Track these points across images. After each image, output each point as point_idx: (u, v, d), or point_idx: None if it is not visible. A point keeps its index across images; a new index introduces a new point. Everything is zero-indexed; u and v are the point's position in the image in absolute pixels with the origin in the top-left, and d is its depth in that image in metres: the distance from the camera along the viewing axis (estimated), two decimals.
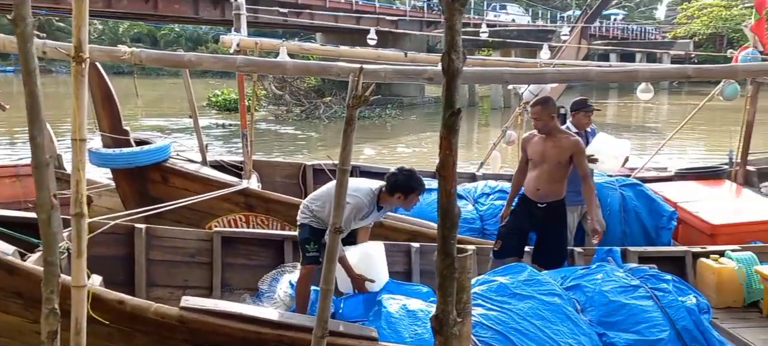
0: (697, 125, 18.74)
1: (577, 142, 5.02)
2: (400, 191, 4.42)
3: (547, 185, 5.05)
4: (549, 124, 5.01)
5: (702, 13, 47.90)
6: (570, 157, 4.98)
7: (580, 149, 5.01)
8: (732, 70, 4.78)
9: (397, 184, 4.43)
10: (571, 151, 4.97)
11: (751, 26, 7.75)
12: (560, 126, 5.29)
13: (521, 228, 5.16)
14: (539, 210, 5.09)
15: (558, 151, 4.97)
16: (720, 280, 5.24)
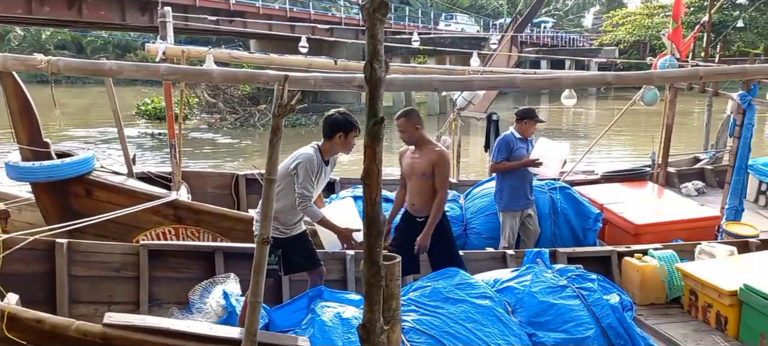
0: (623, 129, 19.54)
1: (440, 154, 4.84)
2: (341, 130, 4.38)
3: (418, 197, 4.90)
4: (414, 136, 4.86)
5: (626, 21, 50.13)
6: (433, 168, 4.80)
7: (441, 161, 4.83)
8: (648, 77, 5.01)
9: (336, 122, 4.38)
10: (433, 162, 4.79)
11: (669, 34, 8.16)
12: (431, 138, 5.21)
13: (410, 243, 4.91)
14: (418, 224, 4.91)
15: (422, 163, 4.82)
16: (643, 278, 5.43)
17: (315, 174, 4.36)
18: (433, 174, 4.81)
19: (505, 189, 6.09)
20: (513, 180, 6.06)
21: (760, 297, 4.52)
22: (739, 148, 6.50)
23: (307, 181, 4.29)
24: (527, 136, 6.17)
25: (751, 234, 6.17)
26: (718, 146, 10.13)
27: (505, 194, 6.09)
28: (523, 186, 6.09)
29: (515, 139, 6.07)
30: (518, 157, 6.01)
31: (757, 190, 8.01)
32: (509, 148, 6.02)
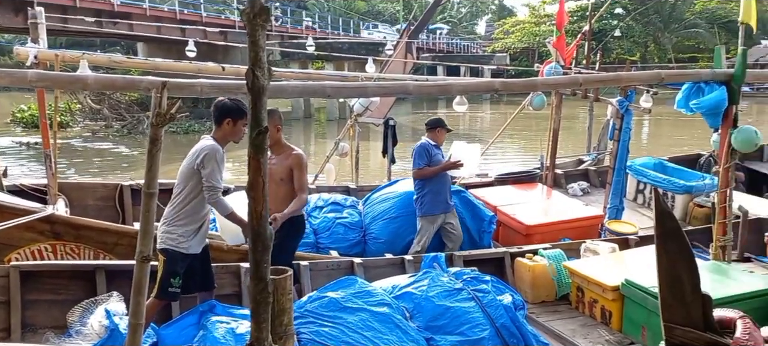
0: (515, 132, 20.38)
1: (298, 156, 4.73)
2: (228, 116, 4.21)
3: (275, 204, 4.57)
4: (274, 138, 4.67)
5: (515, 29, 52.46)
6: (291, 172, 4.68)
7: (300, 163, 4.71)
8: (533, 84, 5.22)
9: (225, 107, 4.21)
10: (291, 166, 4.68)
11: (553, 42, 8.55)
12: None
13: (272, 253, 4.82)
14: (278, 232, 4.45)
15: (280, 168, 4.67)
16: (534, 277, 5.63)
17: (222, 163, 4.18)
18: (292, 178, 4.68)
19: (426, 195, 6.18)
20: (434, 185, 6.17)
21: (640, 291, 4.79)
22: (619, 151, 6.91)
23: (216, 171, 4.11)
24: (440, 143, 6.35)
25: (630, 231, 6.56)
26: (599, 148, 10.75)
27: (427, 200, 6.18)
28: (443, 191, 6.24)
29: (431, 146, 6.22)
30: (437, 163, 6.17)
31: (636, 189, 8.56)
32: (428, 154, 6.15)
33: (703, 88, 5.10)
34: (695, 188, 7.73)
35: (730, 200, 5.21)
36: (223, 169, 4.29)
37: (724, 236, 5.22)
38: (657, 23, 48.08)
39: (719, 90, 4.99)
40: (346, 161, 9.24)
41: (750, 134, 5.01)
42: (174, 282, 4.20)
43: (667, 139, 21.11)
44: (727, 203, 5.20)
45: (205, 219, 4.35)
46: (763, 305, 4.70)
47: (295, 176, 4.68)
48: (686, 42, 49.21)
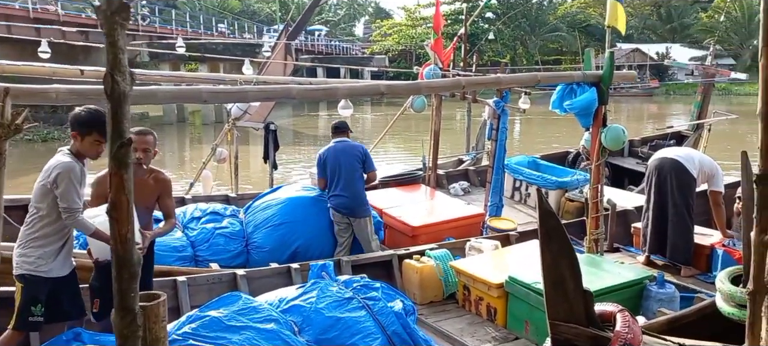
0: (397, 134, 20.65)
1: (166, 179, 4.38)
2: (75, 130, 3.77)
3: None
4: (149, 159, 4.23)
5: (393, 31, 53.47)
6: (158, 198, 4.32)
7: (169, 187, 4.40)
8: (417, 87, 5.22)
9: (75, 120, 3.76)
10: (159, 192, 4.31)
11: (431, 45, 8.68)
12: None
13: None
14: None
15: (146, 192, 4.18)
16: (422, 278, 5.63)
17: (79, 182, 3.75)
18: (159, 203, 4.33)
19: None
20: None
21: (523, 287, 4.91)
22: (497, 150, 7.11)
23: (71, 191, 3.67)
24: None
25: (510, 227, 6.77)
26: (478, 148, 11.10)
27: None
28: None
29: None
30: None
31: (513, 186, 8.89)
32: None
33: (575, 90, 5.33)
34: (566, 184, 8.15)
35: (601, 195, 5.49)
36: (84, 185, 3.87)
37: (596, 230, 5.50)
38: (525, 27, 51.03)
39: (590, 91, 5.24)
40: (225, 168, 8.84)
41: (618, 133, 5.31)
42: (35, 310, 3.74)
43: (538, 138, 22.33)
44: (599, 198, 5.47)
45: (68, 238, 3.91)
46: (634, 295, 4.99)
47: (163, 204, 4.36)
48: (551, 45, 52.69)
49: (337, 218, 6.26)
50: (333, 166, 6.25)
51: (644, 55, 49.07)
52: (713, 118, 10.35)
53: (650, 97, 43.35)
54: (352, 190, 6.20)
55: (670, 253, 5.93)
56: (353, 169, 6.24)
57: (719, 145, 12.74)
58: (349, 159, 6.25)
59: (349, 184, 6.20)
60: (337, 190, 6.23)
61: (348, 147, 6.36)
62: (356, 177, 6.26)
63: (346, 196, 6.19)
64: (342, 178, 6.21)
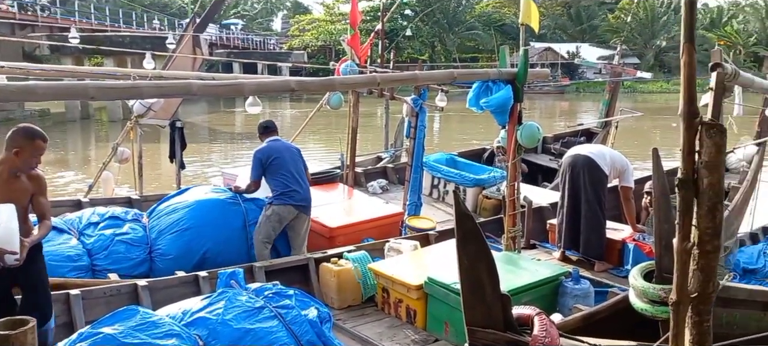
0: (315, 131, 20.34)
1: (40, 177, 4.03)
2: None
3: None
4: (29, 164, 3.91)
5: (311, 26, 52.92)
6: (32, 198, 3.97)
7: (44, 186, 4.05)
8: (330, 83, 5.02)
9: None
10: (33, 190, 3.96)
11: (348, 40, 8.49)
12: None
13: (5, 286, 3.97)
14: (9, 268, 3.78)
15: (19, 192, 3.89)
16: (340, 281, 5.45)
17: None
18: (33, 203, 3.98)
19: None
20: None
21: (442, 288, 4.82)
22: (415, 149, 7.02)
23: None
24: None
25: (429, 227, 6.69)
26: (396, 145, 11.01)
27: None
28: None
29: None
30: None
31: (431, 184, 8.85)
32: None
33: (491, 87, 5.29)
34: (484, 181, 8.17)
35: (518, 193, 5.48)
36: None
37: (514, 227, 5.49)
38: (443, 25, 51.81)
39: (505, 89, 5.21)
40: (129, 168, 8.29)
41: (533, 130, 5.31)
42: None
43: (456, 134, 22.62)
44: (516, 196, 5.46)
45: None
46: (550, 292, 5.01)
47: (37, 203, 3.96)
48: (467, 43, 53.78)
49: (283, 215, 5.95)
50: (281, 163, 5.98)
51: (556, 53, 50.92)
52: (620, 116, 10.74)
53: (562, 95, 45.04)
54: (307, 184, 6.10)
55: (584, 248, 6.02)
56: (300, 166, 6.11)
57: (626, 142, 13.27)
58: (294, 156, 6.10)
59: (302, 178, 6.06)
60: (293, 185, 5.97)
61: (288, 145, 6.26)
62: (306, 172, 6.17)
63: (304, 189, 6.05)
64: (295, 173, 6.01)
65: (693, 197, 1.55)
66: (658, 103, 38.24)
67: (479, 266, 2.91)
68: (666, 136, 24.32)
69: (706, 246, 1.55)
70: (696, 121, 1.54)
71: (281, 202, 5.94)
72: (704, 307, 1.59)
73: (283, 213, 5.94)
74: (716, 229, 1.53)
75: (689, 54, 1.55)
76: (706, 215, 1.53)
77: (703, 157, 1.52)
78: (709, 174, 1.51)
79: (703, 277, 1.57)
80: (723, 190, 1.56)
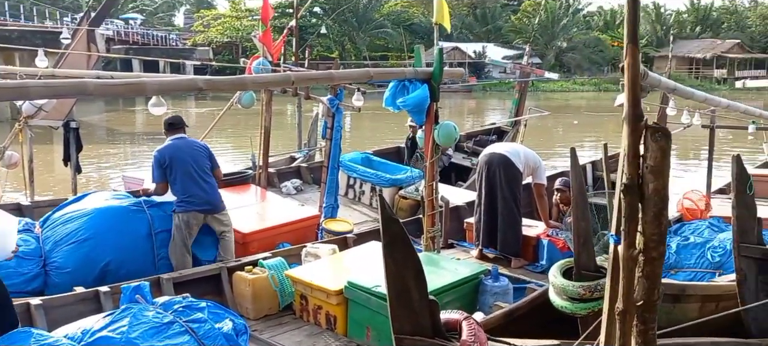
0: (225, 130, 19.65)
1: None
2: None
3: None
4: None
5: (216, 22, 51.39)
6: None
7: None
8: (241, 82, 4.76)
9: None
10: None
11: (259, 37, 8.19)
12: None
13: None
14: None
15: None
16: (255, 290, 5.21)
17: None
18: None
19: None
20: None
21: (363, 292, 4.71)
22: (332, 149, 6.85)
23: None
24: None
25: (347, 229, 6.55)
26: (310, 144, 10.79)
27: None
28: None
29: None
30: None
31: (346, 184, 8.70)
32: None
33: (407, 86, 5.22)
34: (401, 181, 8.12)
35: (436, 193, 5.45)
36: None
37: (433, 228, 5.45)
38: (352, 23, 51.81)
39: (422, 88, 5.16)
40: (18, 173, 7.60)
41: (450, 129, 5.29)
42: None
43: (368, 133, 22.60)
44: (434, 196, 5.43)
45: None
46: (471, 290, 5.01)
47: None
48: (377, 41, 54.12)
49: (190, 221, 5.64)
50: (180, 165, 5.64)
51: (463, 53, 52.20)
52: (529, 115, 11.05)
53: (469, 94, 46.21)
54: (209, 185, 5.75)
55: (501, 245, 6.09)
56: (204, 165, 5.76)
57: (534, 139, 13.72)
58: (196, 156, 5.74)
59: (204, 179, 5.72)
60: (193, 188, 5.64)
61: (192, 143, 5.91)
62: (208, 172, 5.80)
63: (206, 191, 5.69)
64: (195, 175, 5.66)
65: (638, 202, 1.50)
66: (559, 101, 40.06)
67: (406, 271, 2.83)
68: (568, 133, 25.50)
69: (651, 253, 1.51)
70: (640, 125, 1.49)
71: (183, 209, 5.65)
72: (650, 315, 1.55)
73: (189, 220, 5.65)
74: (662, 235, 1.49)
75: (632, 55, 1.50)
76: (651, 221, 1.49)
77: (648, 162, 1.47)
78: (655, 179, 1.47)
79: (648, 284, 1.53)
80: (668, 195, 1.53)
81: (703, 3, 65.02)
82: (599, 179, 9.33)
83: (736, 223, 3.71)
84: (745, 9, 65.55)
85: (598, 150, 16.91)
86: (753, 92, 35.14)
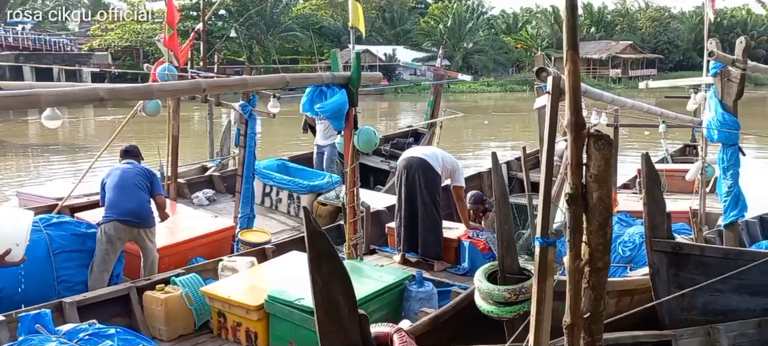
0: (128, 139, 18.60)
1: None
2: None
3: None
4: None
5: (115, 25, 49.03)
6: None
7: None
8: (148, 91, 4.45)
9: None
10: None
11: (165, 41, 7.78)
12: None
13: None
14: None
15: None
16: (168, 310, 4.93)
17: None
18: None
19: None
20: None
21: (285, 306, 4.54)
22: (246, 157, 6.60)
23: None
24: None
25: (264, 240, 6.32)
26: (222, 153, 10.40)
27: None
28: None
29: None
30: None
31: (262, 192, 8.42)
32: None
33: (325, 92, 5.10)
34: (319, 187, 7.96)
35: (357, 199, 5.35)
36: None
37: (355, 235, 5.35)
38: (261, 26, 50.88)
39: (340, 93, 5.05)
40: None
41: (370, 134, 5.21)
42: None
43: (281, 139, 22.15)
44: (356, 202, 5.33)
45: None
46: (396, 297, 4.95)
47: None
48: (286, 45, 53.47)
49: (112, 235, 5.36)
50: (113, 179, 5.62)
51: (374, 56, 52.54)
52: (444, 117, 11.18)
53: (381, 96, 46.50)
54: (138, 197, 5.56)
55: (423, 249, 6.08)
56: (137, 182, 5.64)
57: (447, 140, 13.91)
58: (133, 173, 5.69)
59: (133, 191, 5.57)
60: (116, 198, 5.45)
61: (134, 166, 5.83)
62: (141, 188, 5.64)
63: (132, 201, 5.46)
64: (125, 187, 5.55)
65: (582, 212, 1.46)
66: (469, 102, 41.05)
67: (334, 286, 2.71)
68: (477, 133, 26.16)
69: (597, 263, 1.47)
70: (583, 133, 1.45)
71: (105, 219, 5.44)
72: (596, 326, 1.52)
73: (110, 232, 5.37)
74: (607, 245, 1.46)
75: (573, 61, 1.46)
76: (597, 231, 1.45)
77: (591, 171, 1.44)
78: (599, 188, 1.44)
79: (594, 295, 1.49)
80: (612, 204, 1.50)
81: (597, 6, 68.99)
82: (514, 178, 9.57)
83: (647, 219, 3.83)
84: (635, 11, 69.98)
85: (509, 150, 17.45)
86: (645, 91, 37.65)
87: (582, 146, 1.46)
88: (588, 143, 1.44)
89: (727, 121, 5.07)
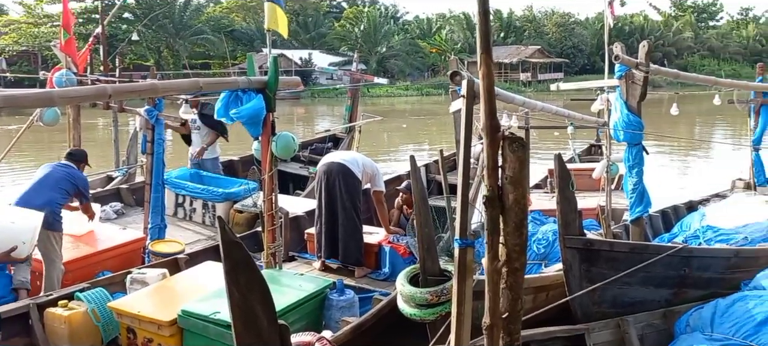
0: (25, 151, 17.48)
1: None
2: None
3: None
4: None
5: (10, 29, 46.11)
6: None
7: None
8: (48, 97, 4.15)
9: None
10: None
11: (61, 46, 7.37)
12: None
13: None
14: None
15: None
16: (72, 329, 4.66)
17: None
18: None
19: None
20: None
21: (198, 319, 4.36)
22: (154, 165, 6.33)
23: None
24: None
25: (177, 250, 6.08)
26: (129, 161, 9.91)
27: None
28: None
29: None
30: None
31: (175, 203, 8.08)
32: None
33: (241, 97, 4.96)
34: (235, 195, 7.74)
35: (276, 207, 5.24)
36: None
37: (274, 243, 5.23)
38: (169, 29, 49.22)
39: (257, 98, 4.92)
40: None
41: (288, 140, 5.12)
42: None
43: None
44: (274, 210, 5.21)
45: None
46: (317, 307, 4.87)
47: None
48: (197, 48, 52.02)
49: None
50: (38, 175, 5.61)
51: (289, 60, 52.00)
52: (362, 120, 11.18)
53: (297, 100, 46.09)
54: (49, 197, 5.42)
55: (343, 255, 6.03)
56: (58, 183, 5.55)
57: (366, 144, 13.92)
58: (58, 176, 5.61)
59: (47, 191, 5.46)
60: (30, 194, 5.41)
61: (67, 169, 5.75)
62: (58, 190, 5.54)
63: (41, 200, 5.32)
64: (43, 184, 5.50)
65: (499, 213, 1.47)
66: (386, 106, 41.40)
67: (252, 296, 2.63)
68: (395, 137, 26.40)
69: (514, 263, 1.48)
70: (498, 136, 1.46)
71: None
72: (515, 326, 1.53)
73: None
74: (523, 245, 1.47)
75: (487, 65, 1.47)
76: (513, 232, 1.46)
77: (507, 173, 1.45)
78: (514, 189, 1.45)
79: (512, 296, 1.50)
80: (527, 205, 1.51)
81: (506, 13, 71.43)
82: (433, 181, 9.70)
83: (560, 217, 3.96)
84: (542, 16, 72.96)
85: (427, 153, 17.70)
86: (554, 93, 39.32)
87: (498, 149, 1.47)
88: (503, 146, 1.46)
89: (631, 121, 5.33)
